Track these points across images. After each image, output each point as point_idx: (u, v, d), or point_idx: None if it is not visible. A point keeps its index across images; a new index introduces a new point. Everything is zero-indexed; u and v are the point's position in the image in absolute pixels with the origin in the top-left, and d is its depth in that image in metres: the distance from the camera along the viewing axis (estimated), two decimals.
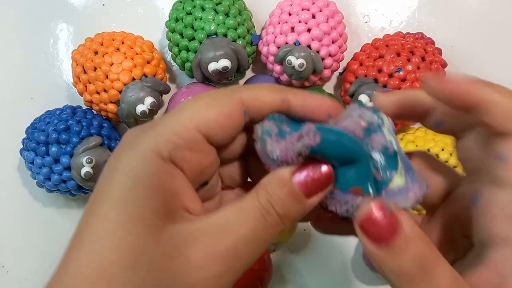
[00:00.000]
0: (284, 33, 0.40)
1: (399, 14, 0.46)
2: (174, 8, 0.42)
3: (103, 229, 0.18)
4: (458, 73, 0.19)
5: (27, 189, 0.47)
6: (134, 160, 0.19)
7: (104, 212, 0.18)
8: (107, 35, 0.42)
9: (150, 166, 0.18)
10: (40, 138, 0.39)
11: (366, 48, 0.42)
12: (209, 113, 0.20)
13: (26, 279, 0.46)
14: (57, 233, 0.46)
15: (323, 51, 0.40)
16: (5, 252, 0.46)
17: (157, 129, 0.19)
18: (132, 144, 0.19)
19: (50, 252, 0.46)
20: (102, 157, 0.40)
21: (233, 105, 0.20)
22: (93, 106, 0.42)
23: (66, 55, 0.47)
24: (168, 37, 0.42)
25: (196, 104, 0.20)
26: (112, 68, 0.40)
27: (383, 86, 0.39)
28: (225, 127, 0.20)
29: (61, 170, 0.39)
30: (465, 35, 0.45)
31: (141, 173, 0.18)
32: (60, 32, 0.48)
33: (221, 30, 0.40)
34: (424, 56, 0.40)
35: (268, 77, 0.44)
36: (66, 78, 0.47)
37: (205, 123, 0.20)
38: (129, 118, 0.40)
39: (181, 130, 0.19)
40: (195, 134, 0.19)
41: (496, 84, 0.19)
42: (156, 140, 0.19)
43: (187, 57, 0.41)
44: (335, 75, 0.46)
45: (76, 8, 0.48)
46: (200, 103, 0.20)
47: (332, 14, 0.41)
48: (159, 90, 0.41)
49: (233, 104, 0.20)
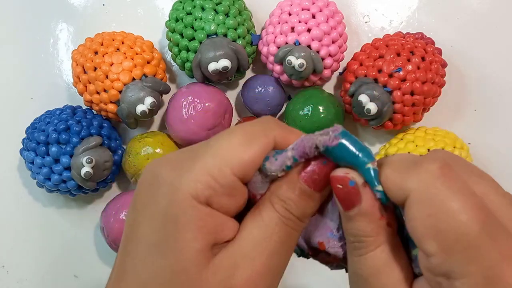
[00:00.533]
0: (284, 33, 0.40)
1: (399, 14, 0.46)
2: (174, 8, 0.42)
3: (145, 276, 0.19)
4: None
5: (27, 189, 0.47)
6: (174, 206, 0.19)
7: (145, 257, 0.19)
8: (107, 35, 0.42)
9: (192, 211, 0.19)
10: (40, 138, 0.39)
11: (366, 48, 0.42)
12: (245, 154, 0.20)
13: (26, 279, 0.46)
14: (57, 233, 0.46)
15: (323, 51, 0.40)
16: (5, 252, 0.46)
17: (194, 171, 0.19)
18: (172, 188, 0.19)
19: (50, 252, 0.47)
20: (102, 157, 0.40)
21: (267, 145, 0.20)
22: (93, 106, 0.42)
23: (66, 55, 0.47)
24: (168, 37, 0.42)
25: (231, 142, 0.20)
26: (112, 68, 0.39)
27: (383, 86, 0.39)
28: (257, 166, 0.20)
29: (61, 170, 0.39)
30: (465, 35, 0.45)
31: (184, 219, 0.19)
32: (60, 32, 0.48)
33: (221, 30, 0.40)
34: (424, 56, 0.40)
35: (268, 77, 0.44)
36: (66, 78, 0.47)
37: (241, 166, 0.20)
38: (129, 118, 0.40)
39: (218, 175, 0.19)
40: (232, 179, 0.20)
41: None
42: (195, 186, 0.19)
43: (187, 57, 0.41)
44: (335, 75, 0.46)
45: (76, 8, 0.48)
46: (235, 140, 0.20)
47: (332, 14, 0.41)
48: (159, 90, 0.41)
49: (267, 144, 0.20)
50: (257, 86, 0.43)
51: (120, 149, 0.44)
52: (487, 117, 0.45)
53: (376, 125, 0.41)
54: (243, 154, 0.20)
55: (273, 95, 0.43)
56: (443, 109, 0.45)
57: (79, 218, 0.46)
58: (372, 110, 0.38)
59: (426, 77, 0.39)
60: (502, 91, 0.45)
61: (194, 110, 0.41)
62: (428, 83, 0.39)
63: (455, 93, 0.45)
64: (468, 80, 0.45)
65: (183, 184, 0.19)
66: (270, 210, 0.20)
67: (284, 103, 0.45)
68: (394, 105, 0.39)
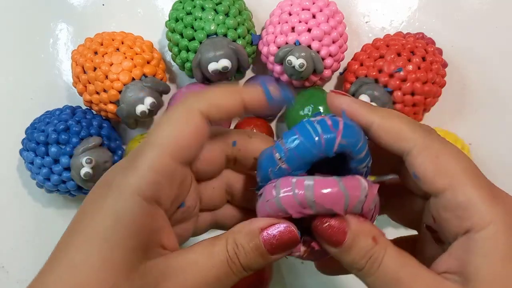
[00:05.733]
0: (284, 33, 0.40)
1: (399, 14, 0.46)
2: (174, 8, 0.42)
3: (78, 259, 0.19)
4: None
5: (27, 189, 0.47)
6: (119, 203, 0.19)
7: (81, 244, 0.19)
8: (106, 35, 0.42)
9: (134, 209, 0.19)
10: (40, 139, 0.39)
11: (367, 48, 0.42)
12: (180, 139, 0.20)
13: (26, 279, 0.46)
14: (57, 234, 0.46)
15: (323, 51, 0.40)
16: (5, 252, 0.46)
17: (138, 169, 0.20)
18: (118, 186, 0.20)
19: (50, 252, 0.46)
20: (102, 158, 0.40)
21: (196, 122, 0.21)
22: (92, 106, 0.42)
23: (66, 55, 0.47)
24: (168, 37, 0.42)
25: (164, 129, 0.21)
26: (111, 68, 0.39)
27: (383, 86, 0.39)
28: (195, 145, 0.21)
29: (60, 170, 0.39)
30: (465, 35, 0.45)
31: (124, 216, 0.19)
32: (60, 32, 0.48)
33: (221, 30, 0.40)
34: (425, 56, 0.39)
35: (269, 77, 0.44)
36: (66, 78, 0.47)
37: (179, 150, 0.20)
38: (129, 118, 0.40)
39: (160, 166, 0.20)
40: (173, 165, 0.20)
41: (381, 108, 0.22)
42: (139, 182, 0.19)
43: (187, 57, 0.41)
44: (336, 75, 0.46)
45: (76, 8, 0.48)
46: (168, 128, 0.21)
47: (333, 14, 0.41)
48: (159, 90, 0.41)
49: (195, 121, 0.21)
50: (257, 86, 0.43)
51: (120, 149, 0.44)
52: (488, 117, 0.45)
53: None
54: (178, 139, 0.20)
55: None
56: (444, 109, 0.45)
57: None
58: None
59: (427, 77, 0.39)
60: (503, 91, 0.45)
61: None
62: (429, 83, 0.39)
63: (455, 94, 0.45)
64: (468, 81, 0.45)
65: (129, 181, 0.19)
66: (222, 246, 0.21)
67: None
68: (395, 105, 0.39)
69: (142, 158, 0.20)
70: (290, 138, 0.20)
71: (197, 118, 0.21)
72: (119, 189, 0.20)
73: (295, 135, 0.20)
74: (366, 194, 0.20)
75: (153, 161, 0.20)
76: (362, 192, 0.20)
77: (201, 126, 0.21)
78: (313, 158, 0.20)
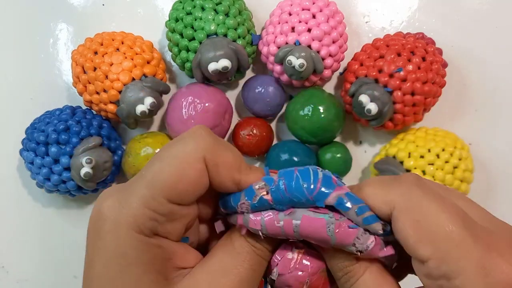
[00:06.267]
0: (284, 33, 0.40)
1: (399, 14, 0.46)
2: (174, 8, 0.42)
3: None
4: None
5: (27, 189, 0.47)
6: (120, 243, 0.19)
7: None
8: (106, 35, 0.42)
9: (138, 246, 0.19)
10: (40, 139, 0.39)
11: (367, 48, 0.42)
12: (179, 183, 0.19)
13: (26, 279, 0.46)
14: (57, 234, 0.46)
15: (323, 51, 0.40)
16: (5, 252, 0.46)
17: (132, 205, 0.19)
18: (115, 225, 0.19)
19: (50, 252, 0.46)
20: (102, 158, 0.40)
21: (197, 171, 0.20)
22: (92, 106, 0.42)
23: (66, 55, 0.47)
24: (168, 37, 0.42)
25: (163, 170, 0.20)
26: (111, 68, 0.39)
27: (383, 86, 0.39)
28: (193, 193, 0.20)
29: (60, 170, 0.39)
30: (465, 35, 0.45)
31: (132, 254, 0.19)
32: (59, 32, 0.48)
33: (221, 30, 0.40)
34: (425, 56, 0.39)
35: (268, 77, 0.44)
36: (66, 78, 0.47)
37: (176, 194, 0.19)
38: (129, 118, 0.40)
39: (155, 206, 0.19)
40: (170, 207, 0.20)
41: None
42: (136, 220, 0.19)
43: (187, 57, 0.41)
44: (336, 75, 0.46)
45: (76, 8, 0.48)
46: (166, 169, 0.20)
47: (333, 14, 0.41)
48: (159, 90, 0.41)
49: (197, 169, 0.20)
50: (257, 86, 0.43)
51: (120, 149, 0.44)
52: (488, 117, 0.45)
53: (376, 125, 0.41)
54: (177, 183, 0.19)
55: (273, 95, 0.43)
56: (444, 109, 0.45)
57: (78, 218, 0.46)
58: (373, 110, 0.38)
59: (427, 77, 0.39)
60: (503, 91, 0.45)
61: (194, 110, 0.41)
62: (429, 83, 0.39)
63: (455, 93, 0.45)
64: (468, 80, 0.45)
65: (124, 220, 0.19)
66: (241, 240, 0.21)
67: (285, 103, 0.45)
68: (395, 105, 0.39)
69: (136, 191, 0.19)
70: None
71: (200, 165, 0.20)
72: (118, 228, 0.19)
73: None
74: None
75: (149, 200, 0.19)
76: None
77: (202, 176, 0.20)
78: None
